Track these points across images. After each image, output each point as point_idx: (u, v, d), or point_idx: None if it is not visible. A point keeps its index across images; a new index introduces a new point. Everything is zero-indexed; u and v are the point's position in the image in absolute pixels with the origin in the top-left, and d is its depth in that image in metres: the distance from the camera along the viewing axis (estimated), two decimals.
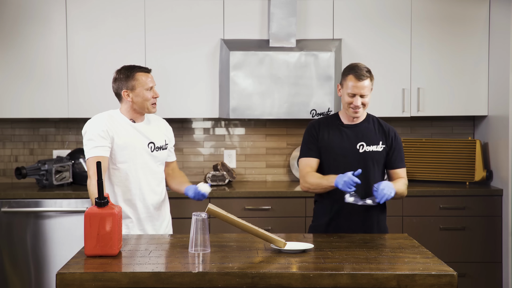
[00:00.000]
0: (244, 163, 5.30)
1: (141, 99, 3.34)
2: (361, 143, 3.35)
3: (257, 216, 4.63)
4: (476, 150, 4.93)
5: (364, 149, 3.34)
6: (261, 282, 2.49)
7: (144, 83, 3.35)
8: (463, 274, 4.68)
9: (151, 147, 3.39)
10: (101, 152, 3.27)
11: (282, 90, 4.75)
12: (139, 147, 3.36)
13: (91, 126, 3.31)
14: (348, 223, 3.36)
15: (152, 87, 3.38)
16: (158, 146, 3.42)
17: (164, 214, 3.54)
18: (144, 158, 3.37)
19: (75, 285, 2.48)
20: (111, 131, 3.31)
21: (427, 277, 2.50)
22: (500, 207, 4.72)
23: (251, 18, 4.90)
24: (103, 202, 2.74)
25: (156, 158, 3.41)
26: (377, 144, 3.36)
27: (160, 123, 3.53)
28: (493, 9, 4.88)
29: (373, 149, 3.35)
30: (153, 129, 3.44)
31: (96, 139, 3.28)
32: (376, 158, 3.36)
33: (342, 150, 3.35)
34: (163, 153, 3.45)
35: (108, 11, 4.85)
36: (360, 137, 3.36)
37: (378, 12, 4.94)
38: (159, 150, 3.42)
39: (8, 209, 4.53)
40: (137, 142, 3.36)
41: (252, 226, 2.86)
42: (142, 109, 3.38)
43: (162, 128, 3.51)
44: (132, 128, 3.37)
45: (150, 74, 3.41)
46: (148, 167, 3.39)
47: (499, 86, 4.80)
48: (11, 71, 4.83)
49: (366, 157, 3.33)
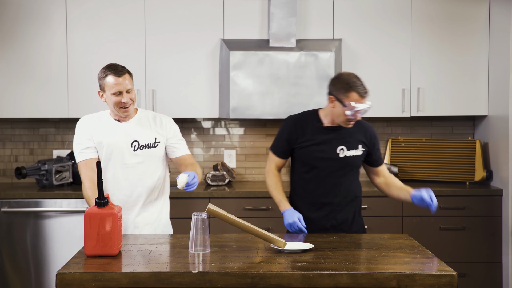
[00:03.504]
0: (244, 163, 5.31)
1: (109, 101, 3.25)
2: (342, 147, 3.30)
3: (257, 216, 4.63)
4: (476, 150, 4.93)
5: (345, 154, 3.30)
6: (261, 282, 2.49)
7: (110, 87, 3.20)
8: (463, 274, 4.68)
9: (134, 145, 3.28)
10: (89, 155, 3.27)
11: (282, 90, 4.76)
12: (120, 146, 3.27)
13: (78, 129, 3.32)
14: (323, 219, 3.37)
15: (121, 92, 3.20)
16: (144, 144, 3.30)
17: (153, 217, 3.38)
18: (125, 157, 3.28)
19: (75, 285, 2.48)
20: (95, 131, 3.28)
21: (427, 277, 2.50)
22: (500, 207, 4.72)
23: (251, 18, 4.90)
24: (103, 202, 2.74)
25: (141, 157, 3.29)
26: (357, 148, 3.32)
27: (154, 121, 3.38)
28: (493, 9, 4.88)
29: (353, 153, 3.31)
30: (141, 127, 3.32)
31: (83, 142, 3.27)
32: (356, 162, 3.34)
33: (322, 154, 3.30)
34: (151, 152, 3.31)
35: (108, 11, 4.85)
36: (340, 140, 3.30)
37: (378, 12, 4.94)
38: (144, 148, 3.30)
39: (8, 209, 4.53)
40: (119, 141, 3.27)
41: (252, 226, 2.86)
42: (112, 111, 3.29)
43: (155, 126, 3.36)
44: (115, 128, 3.30)
45: (125, 77, 3.23)
46: (132, 167, 3.29)
47: (499, 86, 4.80)
48: (11, 71, 4.83)
49: (345, 162, 3.30)
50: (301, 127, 3.36)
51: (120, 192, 3.30)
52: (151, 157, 3.33)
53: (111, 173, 3.30)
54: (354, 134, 3.34)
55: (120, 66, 3.27)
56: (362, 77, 4.86)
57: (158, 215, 3.41)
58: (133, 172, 3.30)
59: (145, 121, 3.36)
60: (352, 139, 3.32)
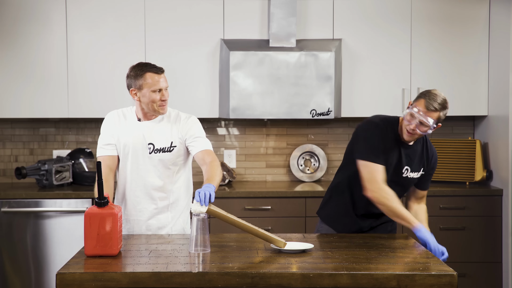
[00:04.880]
0: (244, 163, 5.31)
1: (147, 99, 3.22)
2: (407, 167, 3.23)
3: (257, 216, 4.63)
4: (476, 150, 4.93)
5: (407, 175, 3.24)
6: (261, 282, 2.49)
7: (151, 84, 3.20)
8: (463, 274, 4.68)
9: (150, 148, 3.26)
10: (107, 152, 3.28)
11: (282, 90, 4.76)
12: (137, 148, 3.27)
13: (104, 123, 3.35)
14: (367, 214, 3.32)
15: (161, 89, 3.22)
16: (158, 148, 3.26)
17: (167, 221, 3.34)
18: (139, 159, 3.27)
19: (75, 285, 2.48)
20: (117, 129, 3.30)
21: (427, 277, 2.50)
22: (500, 207, 4.72)
23: (251, 18, 4.90)
24: (103, 202, 2.74)
25: (155, 161, 3.26)
26: (418, 171, 3.27)
27: (175, 121, 3.31)
28: (493, 9, 4.88)
29: (414, 175, 3.26)
30: (160, 130, 3.28)
31: (105, 138, 3.30)
32: (412, 184, 3.31)
33: (393, 168, 3.21)
34: (166, 156, 3.26)
35: (108, 11, 4.85)
36: (408, 161, 3.22)
37: (378, 12, 4.94)
38: (158, 152, 3.26)
39: (8, 209, 4.53)
40: (136, 142, 3.27)
41: (252, 226, 2.86)
42: (148, 110, 3.26)
43: (174, 127, 3.29)
44: (135, 128, 3.30)
45: (163, 75, 3.26)
46: (146, 170, 3.27)
47: (499, 86, 4.80)
48: (11, 71, 4.83)
49: (405, 182, 3.26)
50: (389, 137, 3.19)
51: (133, 194, 3.31)
52: (165, 162, 3.27)
53: (127, 173, 3.31)
54: (421, 156, 3.26)
55: (155, 65, 3.28)
56: (362, 77, 4.91)
57: (172, 219, 3.35)
58: (146, 174, 3.27)
59: (166, 121, 3.31)
60: (417, 161, 3.24)
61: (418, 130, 3.10)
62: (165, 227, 3.33)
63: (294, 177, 5.28)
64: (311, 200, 4.61)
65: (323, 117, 4.76)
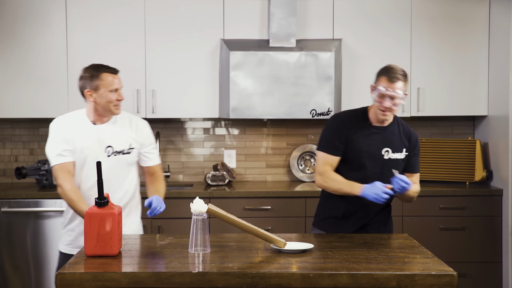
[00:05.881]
0: (244, 163, 5.30)
1: (104, 100, 3.20)
2: (387, 149, 3.26)
3: (257, 216, 4.63)
4: (476, 150, 4.93)
5: (389, 156, 3.26)
6: (261, 282, 2.49)
7: (108, 84, 3.21)
8: (463, 274, 4.68)
9: (108, 151, 3.25)
10: (66, 158, 3.22)
11: (282, 90, 4.76)
12: (95, 151, 3.24)
13: (53, 131, 3.26)
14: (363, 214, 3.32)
15: (117, 89, 3.24)
16: (117, 150, 3.27)
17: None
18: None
19: (75, 285, 2.48)
20: (71, 133, 3.24)
21: (427, 277, 2.50)
22: (500, 207, 4.72)
23: (251, 18, 4.90)
24: (103, 202, 2.74)
25: (114, 163, 3.26)
26: (401, 152, 3.28)
27: (130, 125, 3.35)
28: (493, 9, 4.88)
29: (397, 156, 3.27)
30: (116, 132, 3.29)
31: (59, 145, 3.23)
32: (398, 165, 3.29)
33: (368, 154, 3.24)
34: (124, 158, 3.29)
35: (108, 11, 4.85)
36: (386, 142, 3.26)
37: (378, 12, 4.94)
38: (118, 154, 3.28)
39: (8, 209, 4.53)
40: (93, 146, 3.24)
41: (252, 226, 2.86)
42: (104, 111, 3.24)
43: (130, 131, 3.33)
44: (91, 131, 3.26)
45: (118, 76, 3.27)
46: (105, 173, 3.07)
47: (499, 86, 4.80)
48: (11, 71, 4.83)
49: (388, 164, 3.26)
50: (352, 125, 3.27)
51: (93, 196, 3.22)
52: (124, 164, 3.30)
53: (84, 177, 3.26)
54: (400, 136, 3.30)
55: (109, 66, 3.29)
56: (362, 77, 4.91)
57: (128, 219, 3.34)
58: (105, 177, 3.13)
59: (121, 124, 3.32)
60: (397, 141, 3.28)
61: (392, 105, 3.17)
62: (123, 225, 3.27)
63: (294, 177, 5.28)
64: (311, 200, 4.61)
65: (323, 117, 4.76)
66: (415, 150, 3.35)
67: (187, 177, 5.28)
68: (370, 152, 3.24)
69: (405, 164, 3.34)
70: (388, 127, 3.28)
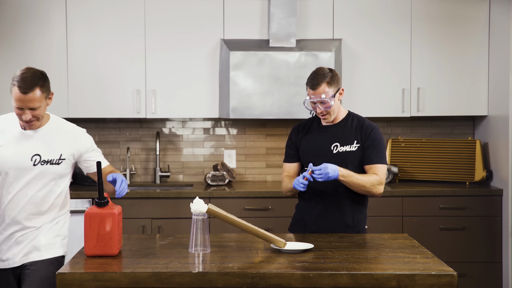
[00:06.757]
0: (244, 163, 5.31)
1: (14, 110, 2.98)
2: (335, 144, 3.35)
3: (257, 216, 4.63)
4: (476, 150, 4.93)
5: (338, 150, 3.34)
6: (261, 282, 2.49)
7: (14, 100, 2.95)
8: (463, 274, 4.68)
9: (35, 159, 2.99)
10: None
11: (282, 90, 4.76)
12: (19, 158, 2.99)
13: None
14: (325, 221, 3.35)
15: (23, 109, 2.94)
16: (46, 159, 3.00)
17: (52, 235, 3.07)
18: (22, 171, 2.98)
19: (75, 285, 2.48)
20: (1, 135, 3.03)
21: (427, 277, 2.50)
22: (500, 207, 4.72)
23: (251, 18, 4.90)
24: (103, 202, 2.74)
25: (40, 173, 3.00)
26: (351, 144, 3.35)
27: (66, 134, 3.09)
28: (493, 9, 4.88)
29: (347, 149, 3.34)
30: (47, 140, 3.03)
31: None
32: (350, 158, 3.33)
33: (316, 152, 3.36)
34: (52, 168, 3.02)
35: (108, 11, 4.85)
36: (334, 138, 3.36)
37: (378, 12, 4.94)
38: (45, 164, 3.00)
39: None
40: (19, 152, 2.99)
41: (252, 226, 2.86)
42: None
43: (66, 140, 3.07)
44: (19, 136, 3.03)
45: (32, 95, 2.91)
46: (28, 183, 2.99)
47: (499, 86, 4.80)
48: (11, 71, 4.81)
49: (339, 158, 3.32)
50: (301, 130, 3.48)
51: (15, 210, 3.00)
52: (51, 174, 3.03)
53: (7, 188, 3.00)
54: (351, 130, 3.37)
55: (30, 81, 2.92)
56: (362, 77, 4.91)
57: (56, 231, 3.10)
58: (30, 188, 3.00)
59: (55, 133, 3.07)
60: (347, 135, 3.36)
61: (324, 109, 3.30)
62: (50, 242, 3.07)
63: None
64: None
65: None
66: (369, 141, 3.34)
67: (187, 177, 5.28)
68: (317, 149, 3.37)
69: (363, 156, 3.37)
70: (339, 123, 3.40)
